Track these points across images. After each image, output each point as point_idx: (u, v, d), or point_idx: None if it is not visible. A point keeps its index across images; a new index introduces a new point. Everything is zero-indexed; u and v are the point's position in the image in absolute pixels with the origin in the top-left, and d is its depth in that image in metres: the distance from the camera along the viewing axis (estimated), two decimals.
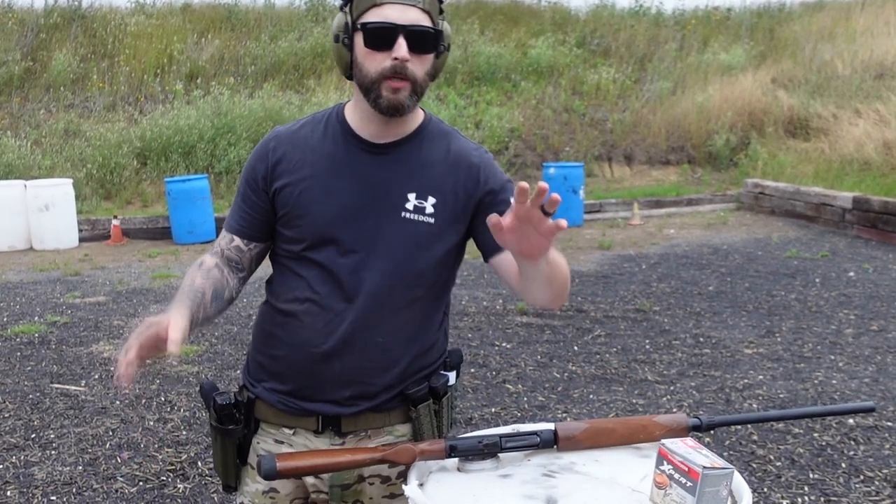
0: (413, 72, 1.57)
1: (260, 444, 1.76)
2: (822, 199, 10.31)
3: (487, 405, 4.63)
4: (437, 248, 1.68)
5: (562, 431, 1.66)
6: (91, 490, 3.68)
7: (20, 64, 13.35)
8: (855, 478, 3.63)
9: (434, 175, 1.68)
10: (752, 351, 5.49)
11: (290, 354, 1.70)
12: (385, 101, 1.58)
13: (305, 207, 1.66)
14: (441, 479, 1.59)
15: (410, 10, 1.56)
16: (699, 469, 1.34)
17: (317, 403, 1.70)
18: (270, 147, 1.71)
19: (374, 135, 1.68)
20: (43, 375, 5.23)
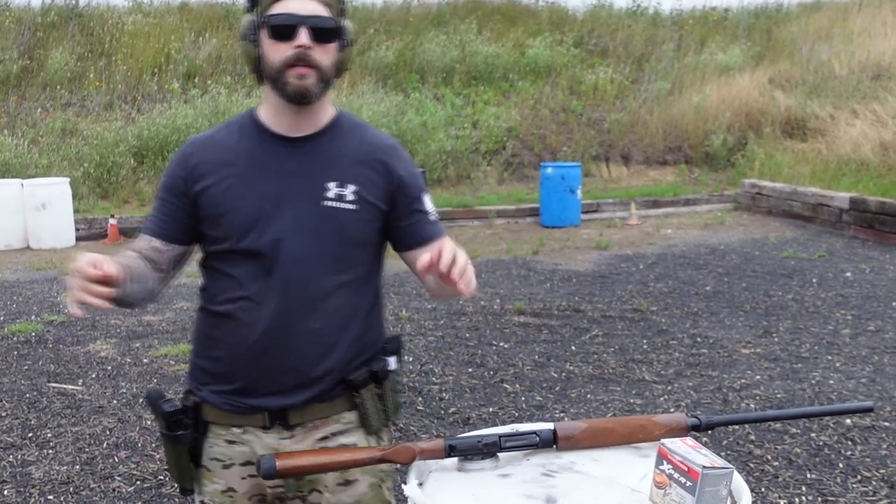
0: (317, 59, 1.65)
1: (213, 448, 1.79)
2: (819, 200, 10.33)
3: (485, 405, 4.63)
4: (360, 232, 1.75)
5: (561, 431, 1.66)
6: (88, 489, 3.68)
7: (17, 62, 13.32)
8: (852, 478, 3.63)
9: (351, 164, 1.75)
10: (750, 351, 5.50)
11: (230, 353, 1.74)
12: (291, 88, 1.65)
13: (228, 205, 1.72)
14: (440, 479, 1.60)
15: (310, 2, 1.64)
16: (699, 469, 1.34)
17: (262, 398, 1.74)
18: (188, 153, 1.78)
19: (288, 129, 1.75)
20: (40, 374, 5.23)
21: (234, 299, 1.72)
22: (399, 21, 16.30)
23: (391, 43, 15.21)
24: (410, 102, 13.76)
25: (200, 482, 1.81)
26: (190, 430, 1.76)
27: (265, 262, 1.70)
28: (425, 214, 1.82)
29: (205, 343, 1.79)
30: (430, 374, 5.16)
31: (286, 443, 1.76)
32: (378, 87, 14.11)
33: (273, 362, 1.71)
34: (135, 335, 6.07)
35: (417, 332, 6.05)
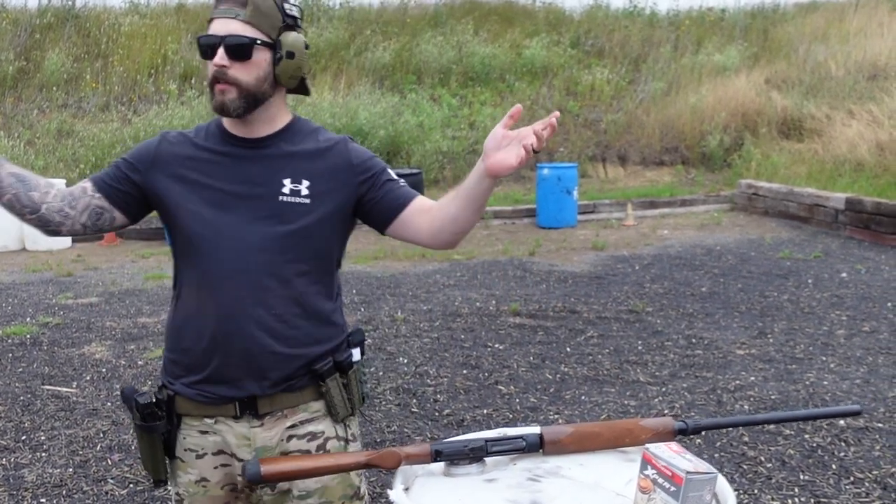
0: (235, 76, 1.74)
1: (186, 439, 1.85)
2: (815, 200, 10.33)
3: (479, 406, 4.63)
4: (316, 224, 1.82)
5: (547, 435, 1.66)
6: (81, 492, 3.67)
7: (13, 64, 13.32)
8: (845, 479, 3.63)
9: (305, 161, 1.84)
10: (745, 352, 5.50)
11: (195, 344, 1.80)
12: (214, 102, 1.78)
13: (186, 201, 1.81)
14: (426, 484, 1.60)
15: (231, 22, 1.74)
16: (683, 474, 1.34)
17: (229, 388, 1.80)
18: (158, 143, 1.87)
19: (244, 133, 1.85)
20: (34, 377, 5.22)
21: (195, 290, 1.81)
22: (396, 22, 16.30)
23: (388, 44, 15.22)
24: (407, 103, 13.77)
25: (175, 474, 1.88)
26: (164, 421, 1.82)
27: (223, 255, 1.77)
28: (395, 182, 1.88)
29: (174, 336, 1.86)
30: (424, 375, 5.16)
31: (256, 430, 1.82)
32: (375, 87, 14.12)
33: (236, 351, 1.77)
34: (130, 337, 6.07)
35: (413, 334, 6.04)
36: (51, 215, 1.79)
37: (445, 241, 1.85)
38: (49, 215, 1.79)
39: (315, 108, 12.78)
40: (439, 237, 1.84)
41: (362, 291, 7.43)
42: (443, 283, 7.76)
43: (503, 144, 1.63)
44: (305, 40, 1.83)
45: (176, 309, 1.86)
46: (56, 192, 1.81)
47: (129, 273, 8.44)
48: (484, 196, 1.72)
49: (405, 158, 12.61)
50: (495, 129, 1.65)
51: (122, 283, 7.96)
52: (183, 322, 1.83)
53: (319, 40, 14.90)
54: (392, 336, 6.00)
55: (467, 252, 9.23)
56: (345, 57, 14.80)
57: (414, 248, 9.41)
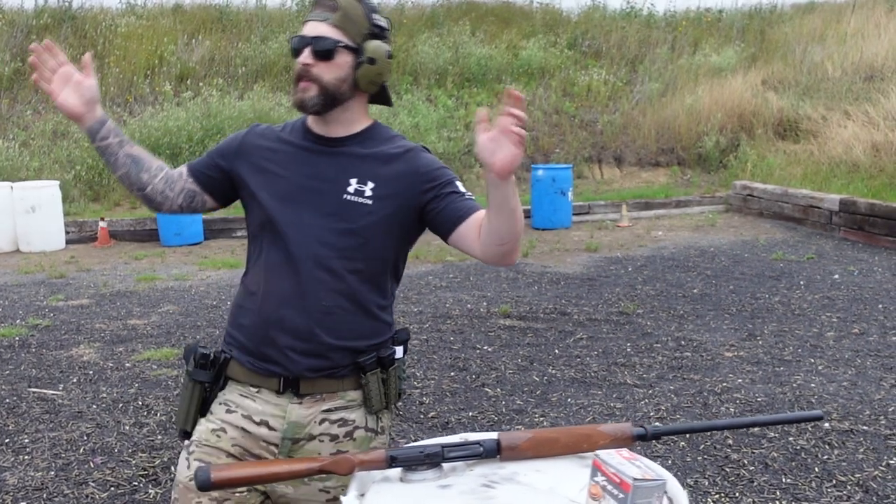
0: (318, 74, 1.86)
1: (225, 395, 1.95)
2: (810, 202, 10.32)
3: (465, 409, 4.62)
4: (374, 226, 1.91)
5: (505, 441, 1.65)
6: (62, 496, 3.66)
7: (9, 65, 13.32)
8: (827, 482, 3.62)
9: (374, 165, 1.93)
10: (733, 354, 5.49)
11: (252, 323, 1.92)
12: (294, 98, 1.90)
13: (260, 189, 1.95)
14: (381, 490, 1.59)
15: (320, 25, 1.87)
16: (630, 481, 1.33)
17: (277, 365, 1.89)
18: (247, 133, 2.05)
19: (323, 131, 1.96)
20: (21, 379, 5.22)
21: (258, 273, 1.94)
22: (392, 23, 16.25)
23: None
24: (403, 104, 13.75)
25: (198, 425, 1.96)
26: (210, 372, 1.95)
27: (288, 244, 1.88)
28: (460, 195, 1.92)
29: (236, 312, 1.99)
30: (411, 378, 5.15)
31: (294, 406, 1.90)
32: None
33: (287, 334, 1.88)
34: (119, 339, 6.06)
35: None
36: (154, 195, 2.01)
37: (494, 254, 1.83)
38: (153, 195, 2.01)
39: None
40: (488, 251, 1.84)
41: None
42: (435, 284, 7.76)
43: (494, 147, 1.68)
44: (390, 50, 1.93)
45: (241, 287, 2.00)
46: (163, 176, 2.01)
47: (122, 275, 8.44)
48: (507, 201, 1.74)
49: None
50: (479, 141, 1.69)
51: (114, 284, 7.95)
52: (243, 300, 1.96)
53: None
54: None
55: (460, 254, 9.21)
56: None
57: None
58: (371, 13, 1.89)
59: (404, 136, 2.04)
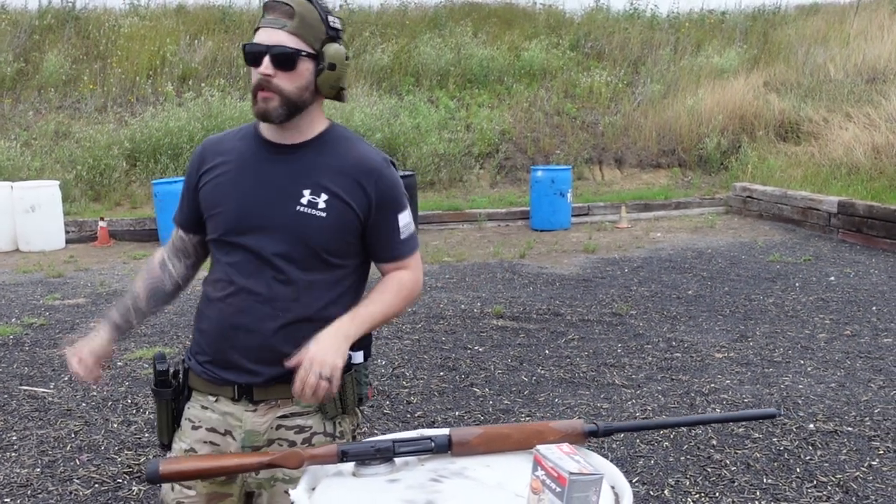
0: (279, 85, 1.81)
1: (190, 409, 1.99)
2: (809, 203, 10.30)
3: (452, 408, 4.63)
4: (327, 239, 1.89)
5: (456, 437, 1.67)
6: (46, 492, 3.69)
7: (12, 65, 13.38)
8: (808, 483, 3.62)
9: (330, 174, 1.89)
10: (723, 355, 5.49)
11: (211, 328, 1.94)
12: (256, 108, 1.86)
13: (217, 201, 1.94)
14: (331, 484, 1.60)
15: (278, 32, 1.81)
16: (566, 475, 1.34)
17: (232, 373, 1.91)
18: (198, 151, 2.03)
19: (278, 138, 1.93)
20: (12, 377, 5.25)
21: (219, 281, 1.93)
22: (395, 24, 16.32)
23: (386, 46, 15.23)
24: (404, 105, 13.78)
25: (176, 440, 2.00)
26: (172, 390, 1.98)
27: (245, 255, 1.89)
28: (397, 232, 1.97)
29: (198, 317, 2.00)
30: (401, 377, 5.16)
31: (248, 415, 1.91)
32: (372, 89, 14.14)
33: (243, 342, 1.88)
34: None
35: (394, 336, 6.05)
36: (188, 279, 2.11)
37: None
38: (185, 285, 2.12)
39: None
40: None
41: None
42: (430, 284, 7.77)
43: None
44: (347, 52, 1.91)
45: (203, 293, 2.00)
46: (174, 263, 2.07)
47: (120, 274, 8.47)
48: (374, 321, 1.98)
49: (401, 160, 12.61)
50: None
51: (111, 284, 7.99)
52: (204, 306, 1.98)
53: None
54: (373, 338, 5.99)
55: (458, 254, 9.24)
56: None
57: None
58: (326, 15, 1.85)
59: (363, 139, 2.02)
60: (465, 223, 11.24)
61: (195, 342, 1.99)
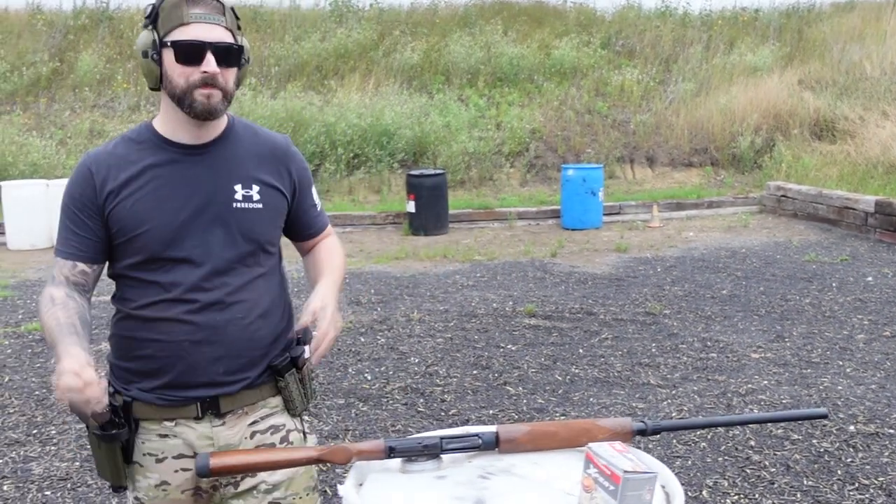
0: (222, 83, 1.74)
1: (145, 443, 1.84)
2: (845, 203, 10.15)
3: (486, 407, 4.61)
4: (268, 228, 1.88)
5: (503, 434, 1.66)
6: (85, 486, 3.73)
7: (48, 65, 13.56)
8: (850, 485, 3.56)
9: (252, 166, 1.87)
10: (760, 355, 5.42)
11: (159, 351, 1.79)
12: (200, 106, 1.73)
13: (141, 219, 1.78)
14: (379, 480, 1.60)
15: (216, 28, 1.73)
16: (620, 473, 1.32)
17: (195, 390, 1.81)
18: (92, 171, 1.79)
19: (190, 139, 1.83)
20: (50, 373, 5.28)
21: (158, 301, 1.78)
22: (425, 22, 16.33)
23: (417, 44, 15.24)
24: (434, 104, 13.77)
25: (134, 479, 1.86)
26: (125, 429, 1.80)
27: (189, 267, 1.78)
28: (315, 207, 2.03)
29: (129, 346, 1.83)
30: (434, 375, 5.16)
31: (219, 430, 1.84)
32: (403, 88, 14.15)
33: (205, 355, 1.79)
34: None
35: (427, 334, 6.05)
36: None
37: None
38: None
39: (341, 108, 12.85)
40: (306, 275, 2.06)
41: (380, 291, 7.44)
42: (462, 283, 7.76)
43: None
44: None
45: (130, 320, 1.83)
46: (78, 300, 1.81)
47: None
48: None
49: (431, 159, 12.62)
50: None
51: None
52: (143, 332, 1.80)
53: (348, 41, 14.97)
54: (406, 336, 6.01)
55: (488, 253, 9.21)
56: (373, 57, 14.85)
57: (436, 248, 9.43)
58: (231, 6, 1.78)
59: (257, 125, 1.98)
60: (495, 222, 11.21)
61: (129, 372, 1.83)
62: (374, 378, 5.11)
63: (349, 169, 12.40)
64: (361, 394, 4.84)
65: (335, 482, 3.49)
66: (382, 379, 5.08)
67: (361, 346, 5.76)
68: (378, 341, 5.89)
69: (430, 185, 10.60)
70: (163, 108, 1.82)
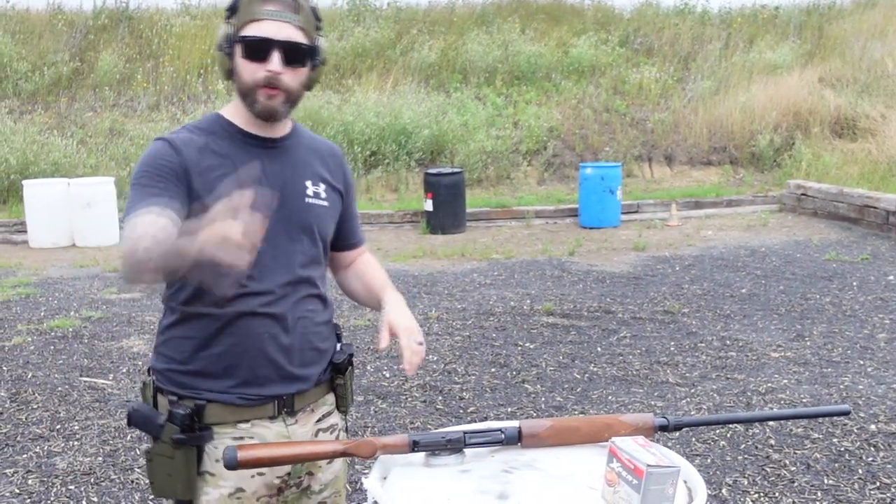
0: (287, 83, 1.70)
1: (217, 448, 1.74)
2: (866, 201, 10.08)
3: (504, 405, 4.62)
4: (331, 227, 1.91)
5: (526, 429, 1.66)
6: (108, 480, 3.76)
7: (68, 64, 13.68)
8: (871, 484, 3.55)
9: (318, 164, 1.88)
10: (780, 354, 5.40)
11: (235, 346, 1.73)
12: (260, 106, 1.71)
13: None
14: (403, 473, 1.61)
15: (285, 26, 1.67)
16: (644, 467, 1.33)
17: (272, 386, 1.77)
18: (173, 149, 1.69)
19: (267, 133, 1.80)
20: (73, 369, 5.36)
21: (239, 296, 1.71)
22: (443, 21, 16.34)
23: (434, 43, 15.25)
24: (452, 102, 13.79)
25: (200, 491, 1.75)
26: (209, 430, 1.73)
27: (263, 261, 1.69)
28: (357, 217, 2.04)
29: (197, 346, 1.75)
30: (452, 373, 5.17)
31: (294, 428, 1.81)
32: (420, 87, 14.17)
33: (282, 349, 1.77)
34: None
35: (445, 332, 6.06)
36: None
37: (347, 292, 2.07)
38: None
39: (359, 107, 12.88)
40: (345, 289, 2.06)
41: (398, 290, 7.44)
42: (479, 282, 7.77)
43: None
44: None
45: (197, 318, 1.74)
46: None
47: None
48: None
49: (448, 157, 12.63)
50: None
51: None
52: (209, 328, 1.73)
53: (366, 40, 15.00)
54: (424, 334, 6.01)
55: (506, 251, 9.22)
56: (391, 56, 14.88)
57: (454, 247, 9.44)
58: (314, 7, 1.76)
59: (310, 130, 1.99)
60: (512, 220, 11.21)
61: (199, 374, 1.74)
62: (392, 375, 5.13)
63: (367, 167, 12.44)
64: (380, 391, 4.86)
65: (354, 477, 3.51)
66: (401, 377, 5.10)
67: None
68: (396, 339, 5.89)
69: (447, 184, 10.61)
70: (236, 100, 1.78)
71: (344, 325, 6.25)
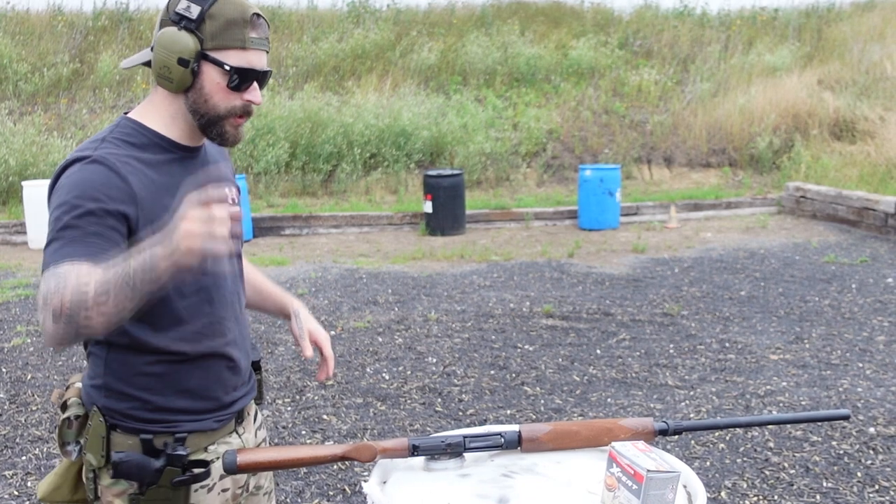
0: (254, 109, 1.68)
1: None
2: (865, 203, 10.09)
3: (503, 407, 4.63)
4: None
5: (526, 433, 1.67)
6: None
7: (68, 66, 13.67)
8: (869, 487, 3.55)
9: (222, 167, 1.82)
10: (779, 357, 5.40)
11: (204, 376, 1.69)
12: (229, 135, 1.63)
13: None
14: (403, 478, 1.61)
15: (264, 55, 1.63)
16: (644, 472, 1.33)
17: (233, 405, 1.77)
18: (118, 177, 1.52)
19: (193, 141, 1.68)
20: (73, 370, 5.36)
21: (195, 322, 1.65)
22: (442, 23, 16.35)
23: (434, 45, 15.26)
24: (451, 104, 13.79)
25: None
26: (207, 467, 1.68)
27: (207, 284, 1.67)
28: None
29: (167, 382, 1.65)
30: (451, 375, 5.17)
31: (246, 437, 1.83)
32: (420, 88, 14.18)
33: (236, 369, 1.76)
34: None
35: (444, 334, 6.06)
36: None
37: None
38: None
39: (359, 109, 12.89)
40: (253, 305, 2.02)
41: (398, 291, 7.46)
42: (479, 283, 7.77)
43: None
44: None
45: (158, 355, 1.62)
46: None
47: None
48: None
49: (448, 159, 12.64)
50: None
51: None
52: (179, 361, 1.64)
53: (365, 41, 15.01)
54: (423, 336, 6.03)
55: (505, 253, 9.22)
56: (390, 58, 14.89)
57: (453, 248, 9.45)
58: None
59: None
60: (511, 222, 11.22)
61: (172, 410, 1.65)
62: (391, 378, 5.14)
63: (366, 169, 12.44)
64: (379, 393, 4.86)
65: (353, 480, 3.51)
66: (400, 378, 5.10)
67: (379, 346, 5.78)
68: (395, 341, 5.91)
69: (447, 186, 10.62)
70: (159, 107, 1.63)
71: (343, 326, 6.25)
